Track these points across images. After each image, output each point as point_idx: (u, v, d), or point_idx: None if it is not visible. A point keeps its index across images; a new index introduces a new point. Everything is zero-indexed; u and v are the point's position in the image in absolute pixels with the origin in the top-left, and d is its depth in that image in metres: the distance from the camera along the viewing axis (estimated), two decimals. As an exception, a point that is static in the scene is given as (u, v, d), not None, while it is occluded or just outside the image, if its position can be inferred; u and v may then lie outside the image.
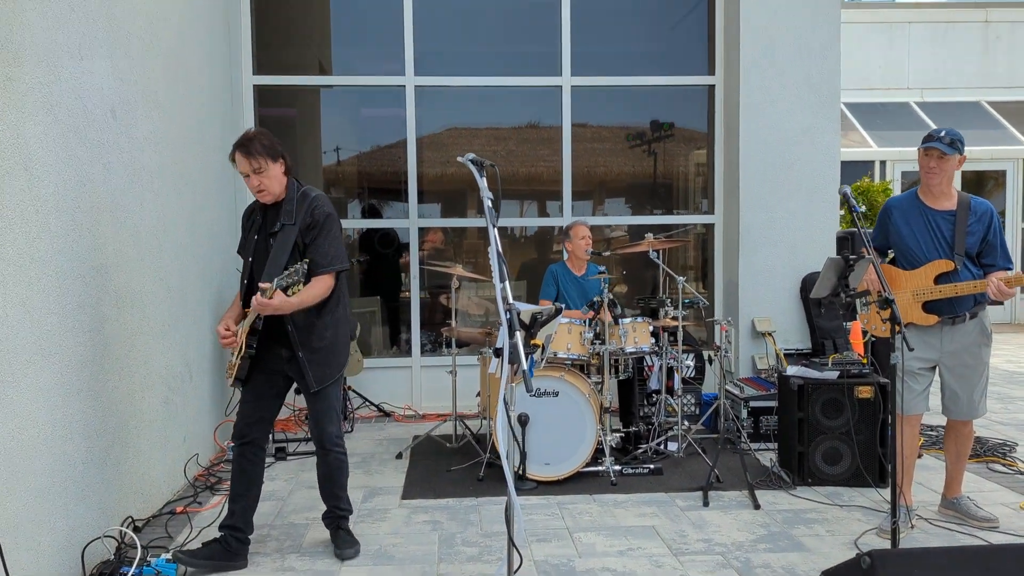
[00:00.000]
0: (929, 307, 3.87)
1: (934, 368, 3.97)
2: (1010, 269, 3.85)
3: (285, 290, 3.30)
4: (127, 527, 3.75)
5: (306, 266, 3.35)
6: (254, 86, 6.45)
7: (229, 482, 4.70)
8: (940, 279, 3.84)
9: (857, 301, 3.61)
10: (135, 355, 4.04)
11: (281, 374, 3.65)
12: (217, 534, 3.64)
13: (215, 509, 4.29)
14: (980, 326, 3.90)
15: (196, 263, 5.06)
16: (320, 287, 3.49)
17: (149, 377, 4.21)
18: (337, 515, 3.79)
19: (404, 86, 6.58)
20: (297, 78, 6.65)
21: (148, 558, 3.43)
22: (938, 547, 2.85)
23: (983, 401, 3.96)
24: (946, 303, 3.84)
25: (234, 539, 3.61)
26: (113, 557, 3.48)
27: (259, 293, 3.33)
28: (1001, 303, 3.80)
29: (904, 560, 2.71)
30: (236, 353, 3.54)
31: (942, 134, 3.82)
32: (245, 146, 3.42)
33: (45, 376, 3.17)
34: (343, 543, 3.73)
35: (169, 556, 3.44)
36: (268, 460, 5.22)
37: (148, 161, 4.32)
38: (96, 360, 3.60)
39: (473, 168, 2.99)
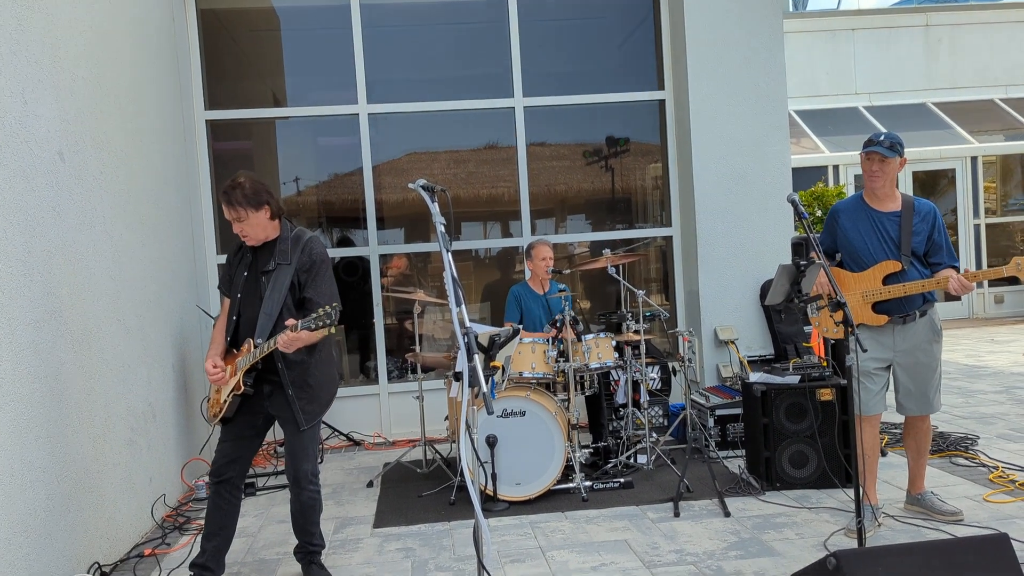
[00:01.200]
0: (879, 307, 3.94)
1: (889, 367, 4.04)
2: (956, 266, 3.95)
3: (312, 331, 3.34)
4: (93, 573, 3.68)
5: (338, 312, 3.34)
6: (207, 121, 6.44)
7: (200, 521, 4.65)
8: (888, 279, 3.92)
9: (808, 305, 3.68)
10: (95, 398, 3.98)
11: (262, 413, 3.64)
12: (188, 574, 3.59)
13: (184, 549, 4.23)
14: (930, 323, 3.98)
15: (155, 302, 5.01)
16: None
17: (111, 419, 4.16)
18: (309, 550, 3.76)
19: (357, 114, 6.61)
20: (250, 111, 6.64)
21: (115, 604, 3.37)
22: (901, 544, 2.90)
23: (937, 396, 4.04)
24: (895, 302, 3.92)
25: None
26: (79, 606, 3.42)
27: (283, 332, 3.35)
28: (958, 298, 3.89)
29: (869, 559, 2.76)
30: (227, 391, 3.53)
31: (881, 138, 3.92)
32: (228, 195, 3.47)
33: (0, 424, 3.12)
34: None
35: (136, 601, 3.39)
36: (237, 497, 5.17)
37: (100, 202, 4.28)
38: (54, 405, 3.55)
39: (424, 194, 3.01)
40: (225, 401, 3.54)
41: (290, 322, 3.35)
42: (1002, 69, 13.28)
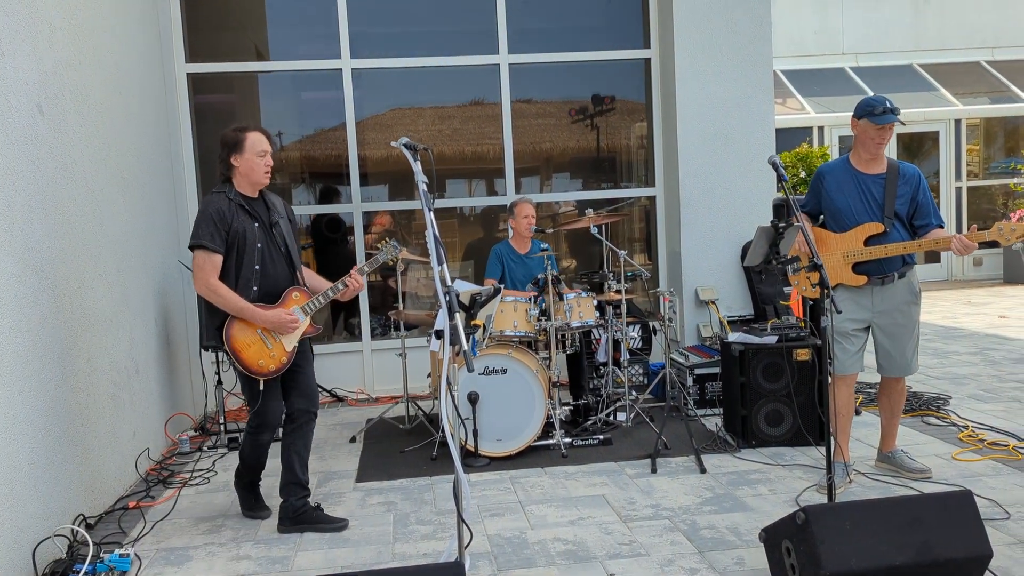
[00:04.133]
0: (859, 268, 4.00)
1: (867, 328, 4.11)
2: (943, 226, 4.00)
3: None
4: (78, 525, 3.73)
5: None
6: (188, 74, 6.35)
7: (185, 475, 4.71)
8: (870, 241, 3.96)
9: (788, 266, 3.73)
10: (77, 351, 3.99)
11: None
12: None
13: (168, 502, 4.29)
14: (909, 285, 4.04)
15: (136, 256, 5.00)
16: None
17: (93, 373, 4.17)
18: (308, 487, 3.93)
19: (340, 69, 6.53)
20: (231, 64, 6.55)
21: (101, 554, 3.42)
22: (868, 499, 2.98)
23: (915, 358, 4.11)
24: (875, 264, 3.97)
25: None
26: (65, 555, 3.47)
27: (356, 275, 3.86)
28: (938, 260, 3.91)
29: (836, 513, 2.84)
30: (295, 338, 3.77)
31: (888, 105, 3.87)
32: (266, 130, 3.81)
33: (-17, 379, 3.13)
34: (331, 518, 3.92)
35: (123, 551, 3.44)
36: (222, 451, 5.25)
37: (80, 156, 4.24)
38: (37, 358, 3.56)
39: (407, 152, 3.01)
40: (294, 348, 3.77)
41: (355, 271, 3.83)
42: (989, 31, 13.25)
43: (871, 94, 12.00)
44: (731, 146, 6.49)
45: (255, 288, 3.71)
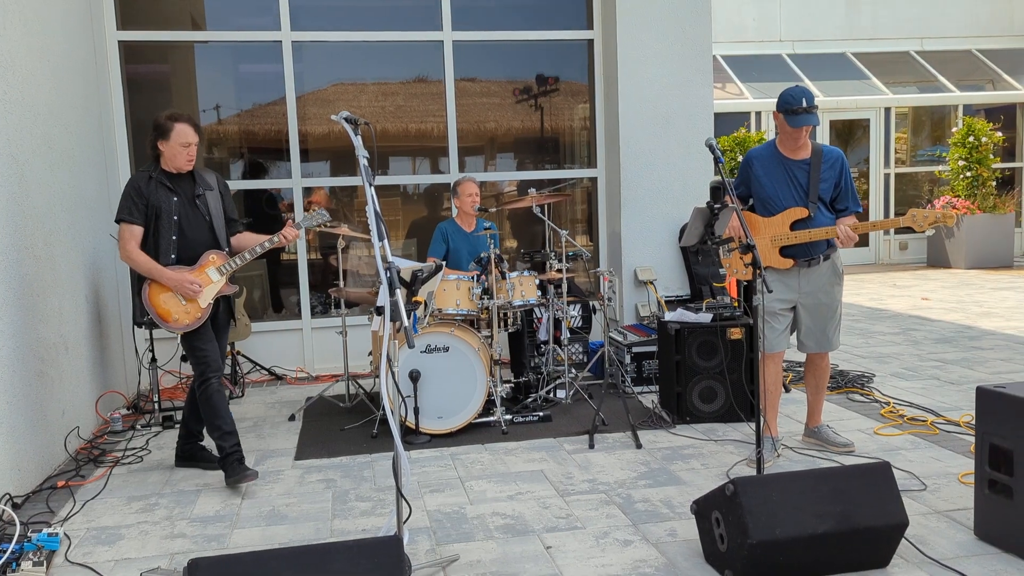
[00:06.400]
0: (785, 252, 4.12)
1: (793, 308, 4.24)
2: (859, 212, 4.15)
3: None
4: (5, 504, 3.64)
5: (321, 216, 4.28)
6: (119, 42, 6.15)
7: (116, 453, 4.62)
8: (796, 225, 4.09)
9: (720, 247, 3.82)
10: (1, 328, 3.87)
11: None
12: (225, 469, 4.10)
13: (100, 482, 4.21)
14: (833, 267, 4.19)
15: (66, 230, 4.85)
16: None
17: (19, 350, 4.05)
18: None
19: (280, 41, 6.41)
20: (165, 33, 6.36)
21: (29, 533, 3.35)
22: (793, 471, 3.11)
23: (836, 335, 4.27)
24: (801, 247, 4.10)
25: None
26: (-9, 536, 3.39)
27: (292, 228, 4.18)
28: (867, 244, 4.07)
29: (763, 485, 2.95)
30: (209, 296, 4.09)
31: (804, 103, 3.96)
32: (195, 121, 4.08)
33: (-98, 354, 3.02)
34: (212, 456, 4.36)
35: (51, 530, 3.37)
36: (156, 429, 5.17)
37: (3, 124, 4.09)
38: (-41, 335, 3.45)
39: (347, 127, 3.00)
40: (210, 304, 4.11)
41: (289, 227, 4.17)
42: (919, 22, 13.65)
43: (806, 81, 12.31)
44: (671, 129, 6.58)
45: (173, 255, 4.07)
